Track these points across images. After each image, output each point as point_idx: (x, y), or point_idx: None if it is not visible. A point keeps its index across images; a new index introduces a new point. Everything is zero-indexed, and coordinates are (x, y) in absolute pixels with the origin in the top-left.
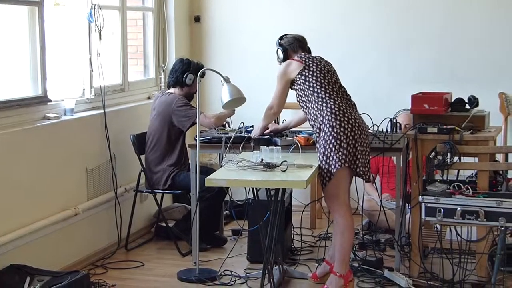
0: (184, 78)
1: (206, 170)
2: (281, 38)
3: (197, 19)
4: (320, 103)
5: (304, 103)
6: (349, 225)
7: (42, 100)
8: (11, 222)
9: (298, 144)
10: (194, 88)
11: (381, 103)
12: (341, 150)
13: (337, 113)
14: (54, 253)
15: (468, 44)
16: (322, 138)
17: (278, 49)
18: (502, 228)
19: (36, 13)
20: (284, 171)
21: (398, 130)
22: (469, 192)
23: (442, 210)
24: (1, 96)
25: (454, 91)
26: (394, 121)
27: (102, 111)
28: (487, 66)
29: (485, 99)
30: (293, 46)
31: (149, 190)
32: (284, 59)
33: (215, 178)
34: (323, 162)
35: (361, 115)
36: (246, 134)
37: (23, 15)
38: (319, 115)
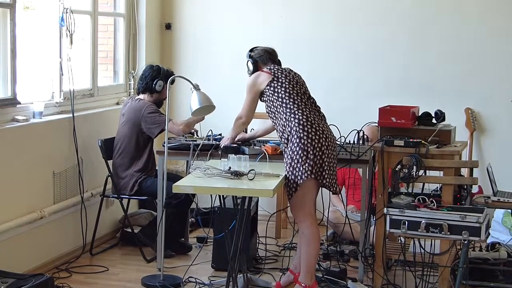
0: (153, 85)
1: (173, 177)
2: (251, 50)
3: (168, 26)
4: (288, 114)
5: (273, 114)
6: (314, 236)
7: (11, 102)
8: None
9: (266, 153)
10: (163, 95)
11: (347, 115)
12: (308, 161)
13: (305, 124)
14: (19, 255)
15: (435, 59)
16: (289, 149)
17: (248, 61)
18: (465, 242)
19: (8, 15)
20: (251, 179)
21: (365, 142)
22: (434, 205)
23: (406, 222)
24: None
25: (420, 105)
26: (362, 133)
27: (71, 115)
28: (453, 82)
29: (452, 114)
30: (263, 58)
31: (116, 195)
32: (254, 71)
33: (183, 185)
34: (290, 173)
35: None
36: (214, 142)
37: None
38: (287, 126)
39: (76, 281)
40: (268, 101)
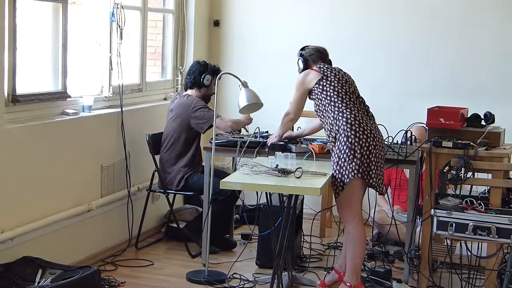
0: (201, 79)
1: (219, 174)
2: (302, 48)
3: (216, 23)
4: (336, 112)
5: (321, 113)
6: (361, 236)
7: (62, 95)
8: (26, 214)
9: (313, 151)
10: (211, 90)
11: (393, 115)
12: (355, 160)
13: (353, 123)
14: (66, 247)
15: (484, 61)
16: (337, 148)
17: (298, 59)
18: None
19: (60, 10)
20: (298, 177)
21: (413, 143)
22: (482, 208)
23: (454, 224)
24: (22, 89)
25: (468, 107)
26: (410, 133)
27: (119, 109)
28: (502, 84)
29: (501, 116)
30: (313, 57)
31: (162, 190)
32: (304, 69)
33: (230, 181)
34: (337, 172)
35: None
36: (261, 139)
37: (48, 12)
38: (335, 125)
39: (122, 274)
40: (317, 99)
